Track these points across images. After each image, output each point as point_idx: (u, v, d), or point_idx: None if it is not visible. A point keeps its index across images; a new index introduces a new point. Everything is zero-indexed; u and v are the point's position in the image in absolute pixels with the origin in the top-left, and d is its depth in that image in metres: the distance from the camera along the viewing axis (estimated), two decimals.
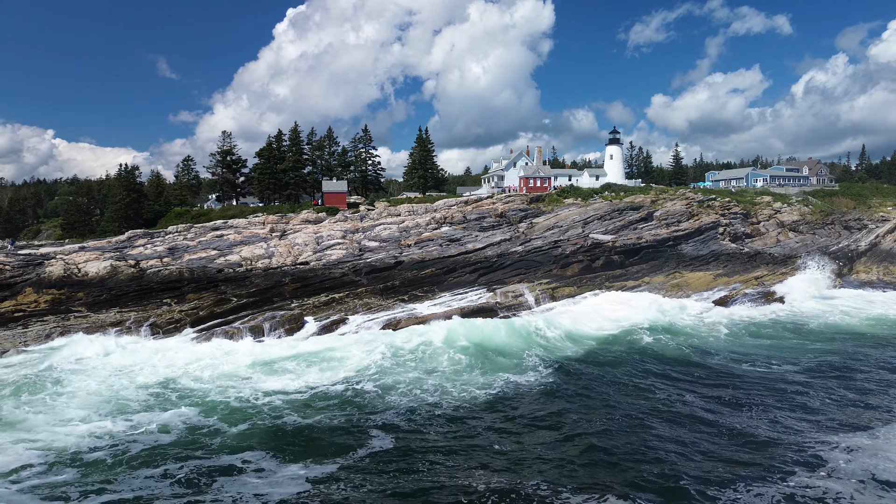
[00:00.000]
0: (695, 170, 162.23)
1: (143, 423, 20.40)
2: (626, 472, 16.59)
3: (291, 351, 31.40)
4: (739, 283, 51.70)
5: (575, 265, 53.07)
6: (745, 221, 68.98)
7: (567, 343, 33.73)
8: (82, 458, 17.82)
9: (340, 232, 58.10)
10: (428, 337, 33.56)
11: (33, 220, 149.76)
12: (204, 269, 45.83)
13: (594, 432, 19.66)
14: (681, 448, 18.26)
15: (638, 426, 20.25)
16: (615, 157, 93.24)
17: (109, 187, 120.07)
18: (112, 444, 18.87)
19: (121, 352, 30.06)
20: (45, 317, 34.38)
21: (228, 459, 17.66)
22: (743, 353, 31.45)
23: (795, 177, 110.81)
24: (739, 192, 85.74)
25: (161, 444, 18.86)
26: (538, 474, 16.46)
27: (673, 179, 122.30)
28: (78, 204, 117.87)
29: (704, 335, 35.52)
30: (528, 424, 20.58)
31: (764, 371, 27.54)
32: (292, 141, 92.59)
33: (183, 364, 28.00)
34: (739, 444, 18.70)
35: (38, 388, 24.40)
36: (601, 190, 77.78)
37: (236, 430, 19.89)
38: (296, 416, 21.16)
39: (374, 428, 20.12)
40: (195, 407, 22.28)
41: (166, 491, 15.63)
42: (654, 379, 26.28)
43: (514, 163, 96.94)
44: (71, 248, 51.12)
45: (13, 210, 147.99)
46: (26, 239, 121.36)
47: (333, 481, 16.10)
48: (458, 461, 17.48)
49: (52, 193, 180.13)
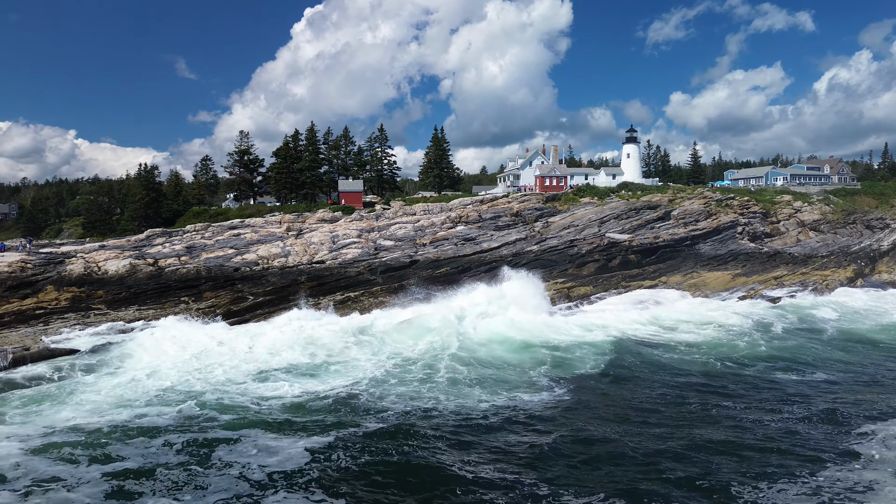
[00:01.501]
0: (713, 168, 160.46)
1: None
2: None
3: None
4: (758, 282, 51.10)
5: (591, 264, 52.78)
6: (764, 221, 68.12)
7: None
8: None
9: (356, 231, 58.31)
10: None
11: (55, 219, 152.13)
12: (221, 267, 46.25)
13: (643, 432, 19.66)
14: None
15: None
16: (632, 156, 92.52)
17: (129, 187, 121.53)
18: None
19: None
20: (66, 314, 34.87)
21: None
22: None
23: (816, 175, 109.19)
24: (759, 191, 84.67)
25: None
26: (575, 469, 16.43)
27: (691, 178, 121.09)
28: (99, 203, 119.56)
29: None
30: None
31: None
32: (309, 140, 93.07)
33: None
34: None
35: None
36: (618, 189, 77.24)
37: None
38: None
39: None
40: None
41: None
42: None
43: (530, 162, 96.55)
44: (91, 247, 51.85)
45: (36, 209, 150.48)
46: (48, 238, 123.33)
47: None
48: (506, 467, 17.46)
49: (73, 193, 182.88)
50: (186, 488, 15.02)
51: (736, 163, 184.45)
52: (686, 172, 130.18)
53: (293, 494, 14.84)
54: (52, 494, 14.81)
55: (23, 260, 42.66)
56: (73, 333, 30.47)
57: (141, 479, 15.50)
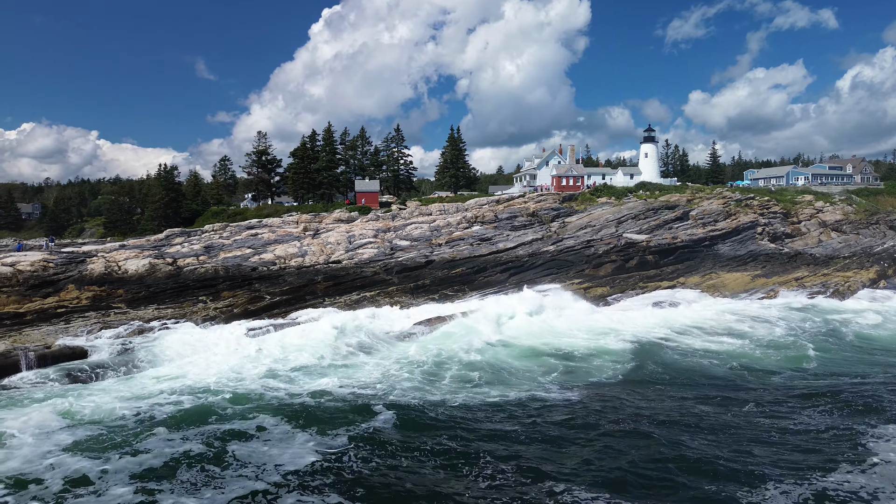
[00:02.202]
0: (733, 168, 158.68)
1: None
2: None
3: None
4: (778, 283, 50.42)
5: (608, 265, 52.44)
6: (784, 221, 67.23)
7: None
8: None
9: (372, 231, 58.50)
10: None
11: (77, 218, 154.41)
12: (239, 267, 46.65)
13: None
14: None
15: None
16: (650, 156, 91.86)
17: (149, 187, 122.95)
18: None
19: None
20: (87, 313, 35.35)
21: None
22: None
23: (838, 175, 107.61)
24: (779, 190, 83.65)
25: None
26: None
27: (710, 178, 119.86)
28: (120, 203, 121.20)
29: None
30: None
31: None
32: (326, 141, 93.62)
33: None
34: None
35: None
36: (635, 189, 76.72)
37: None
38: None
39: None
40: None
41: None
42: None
43: (547, 161, 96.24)
44: (112, 246, 52.62)
45: (58, 209, 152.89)
46: (71, 237, 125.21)
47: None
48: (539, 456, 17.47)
49: (95, 193, 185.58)
50: (204, 488, 15.11)
51: (756, 162, 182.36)
52: (705, 172, 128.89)
53: (310, 495, 14.87)
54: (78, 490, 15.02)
55: (45, 259, 43.39)
56: (92, 335, 30.85)
57: (161, 478, 15.61)
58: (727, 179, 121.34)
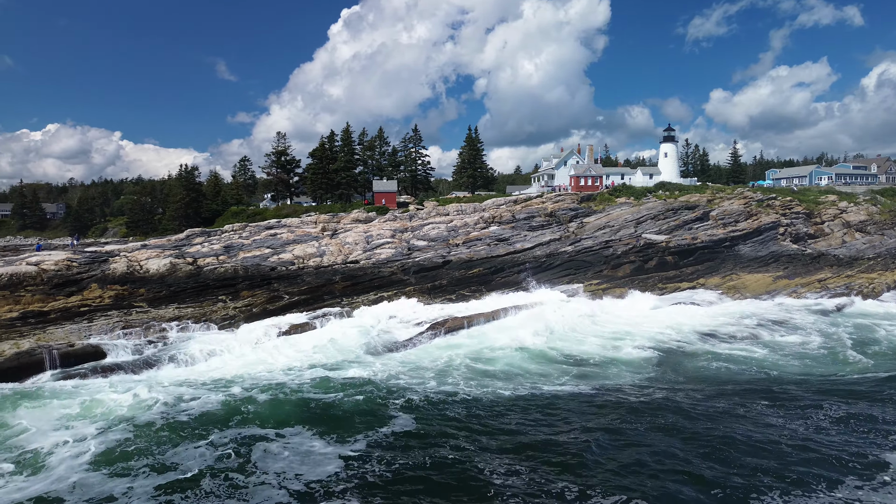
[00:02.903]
0: (754, 168, 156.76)
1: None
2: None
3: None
4: (801, 285, 49.67)
5: (626, 266, 52.04)
6: (807, 221, 66.21)
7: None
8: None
9: (390, 231, 58.67)
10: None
11: (101, 218, 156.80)
12: (258, 266, 47.05)
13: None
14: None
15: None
16: (670, 155, 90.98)
17: (170, 187, 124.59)
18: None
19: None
20: (109, 311, 35.86)
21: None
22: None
23: (863, 175, 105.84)
24: (802, 190, 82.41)
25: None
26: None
27: (731, 178, 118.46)
28: (141, 203, 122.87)
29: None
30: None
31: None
32: (344, 141, 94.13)
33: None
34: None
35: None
36: (655, 189, 76.04)
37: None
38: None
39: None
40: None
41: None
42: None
43: (565, 161, 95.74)
44: (133, 246, 53.33)
45: (82, 209, 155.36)
46: (94, 236, 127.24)
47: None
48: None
49: (118, 193, 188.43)
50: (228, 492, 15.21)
51: (778, 162, 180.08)
52: (725, 172, 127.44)
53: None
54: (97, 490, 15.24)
55: (68, 258, 44.12)
56: (113, 335, 31.29)
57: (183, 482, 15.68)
58: (748, 179, 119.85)
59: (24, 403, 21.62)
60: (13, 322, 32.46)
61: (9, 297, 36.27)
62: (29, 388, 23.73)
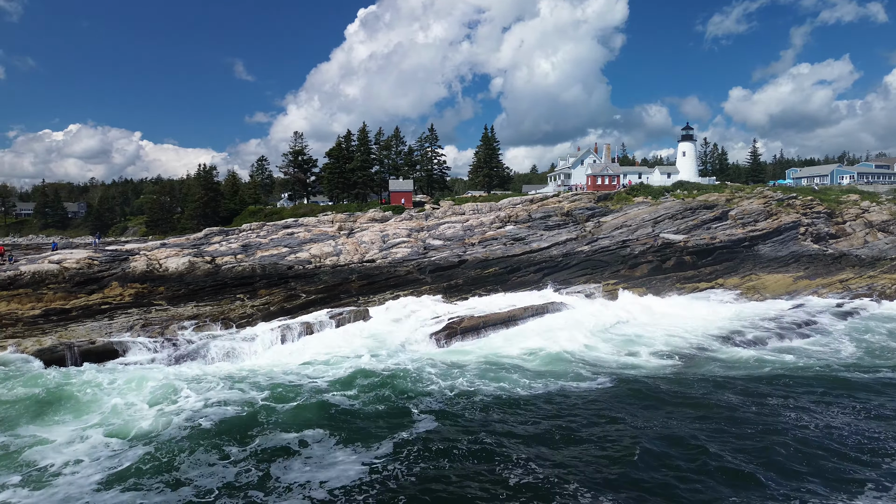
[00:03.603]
0: (774, 167, 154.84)
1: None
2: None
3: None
4: (822, 286, 48.95)
5: (644, 265, 51.63)
6: (828, 221, 65.26)
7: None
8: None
9: (406, 230, 58.77)
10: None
11: (121, 217, 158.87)
12: (275, 265, 47.37)
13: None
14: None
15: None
16: (688, 154, 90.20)
17: (189, 186, 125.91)
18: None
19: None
20: (129, 309, 36.29)
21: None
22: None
23: (886, 174, 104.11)
24: (823, 189, 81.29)
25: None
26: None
27: (750, 177, 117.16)
28: (161, 202, 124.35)
29: None
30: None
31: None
32: (360, 141, 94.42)
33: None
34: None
35: None
36: (673, 188, 75.42)
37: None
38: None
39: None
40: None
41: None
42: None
43: (582, 160, 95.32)
44: (153, 245, 53.95)
45: (103, 208, 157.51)
46: (114, 235, 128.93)
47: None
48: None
49: (138, 192, 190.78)
50: None
51: (799, 161, 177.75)
52: (745, 171, 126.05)
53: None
54: None
55: (90, 257, 44.74)
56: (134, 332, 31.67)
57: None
58: (768, 178, 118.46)
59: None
60: (35, 319, 32.97)
61: (31, 295, 36.85)
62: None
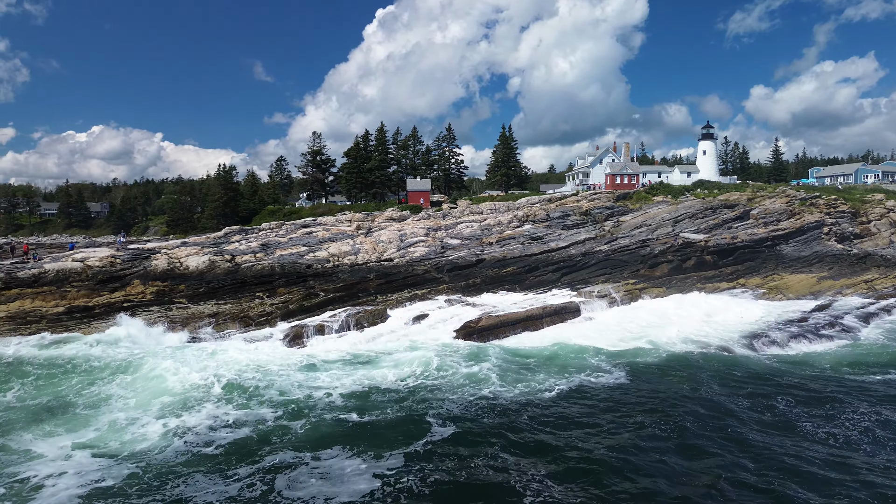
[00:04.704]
0: (796, 166, 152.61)
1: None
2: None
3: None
4: (846, 286, 48.06)
5: (664, 265, 51.11)
6: (853, 221, 64.13)
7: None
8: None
9: (423, 230, 58.80)
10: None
11: (142, 217, 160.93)
12: (294, 264, 47.64)
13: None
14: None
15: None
16: (708, 153, 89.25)
17: (209, 186, 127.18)
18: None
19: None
20: (151, 307, 36.73)
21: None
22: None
23: None
24: (847, 189, 79.95)
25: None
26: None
27: (772, 176, 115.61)
28: (181, 202, 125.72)
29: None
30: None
31: None
32: (378, 141, 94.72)
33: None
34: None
35: None
36: (693, 187, 74.65)
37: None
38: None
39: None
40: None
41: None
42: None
43: (601, 159, 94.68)
44: (174, 244, 54.56)
45: (125, 208, 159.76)
46: (136, 235, 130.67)
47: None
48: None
49: (159, 192, 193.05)
50: None
51: (822, 160, 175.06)
52: (766, 170, 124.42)
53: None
54: None
55: (112, 255, 45.35)
56: None
57: None
58: (790, 177, 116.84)
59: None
60: (59, 316, 33.51)
61: (56, 293, 37.45)
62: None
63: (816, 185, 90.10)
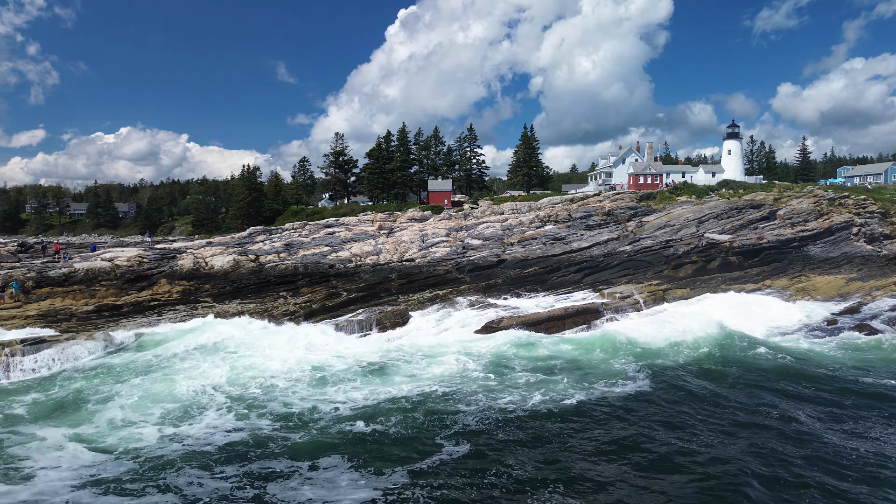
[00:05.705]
0: (824, 165, 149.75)
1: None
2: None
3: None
4: (875, 288, 47.07)
5: (688, 266, 50.56)
6: (883, 221, 62.77)
7: None
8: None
9: (445, 230, 58.91)
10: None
11: (168, 217, 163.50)
12: (317, 264, 48.08)
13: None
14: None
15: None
16: (733, 153, 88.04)
17: (233, 187, 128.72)
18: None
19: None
20: (177, 306, 37.35)
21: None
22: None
23: None
24: (877, 188, 78.32)
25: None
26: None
27: (799, 176, 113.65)
28: (206, 203, 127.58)
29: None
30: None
31: None
32: (400, 141, 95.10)
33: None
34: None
35: None
36: (718, 187, 73.75)
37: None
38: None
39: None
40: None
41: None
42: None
43: (623, 159, 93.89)
44: (199, 244, 55.41)
45: (151, 208, 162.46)
46: (162, 234, 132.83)
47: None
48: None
49: (184, 193, 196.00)
50: None
51: (851, 159, 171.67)
52: (794, 170, 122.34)
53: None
54: None
55: (140, 255, 46.20)
56: None
57: None
58: (818, 177, 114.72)
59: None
60: (89, 315, 34.19)
61: (85, 292, 38.27)
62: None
63: (845, 184, 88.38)
